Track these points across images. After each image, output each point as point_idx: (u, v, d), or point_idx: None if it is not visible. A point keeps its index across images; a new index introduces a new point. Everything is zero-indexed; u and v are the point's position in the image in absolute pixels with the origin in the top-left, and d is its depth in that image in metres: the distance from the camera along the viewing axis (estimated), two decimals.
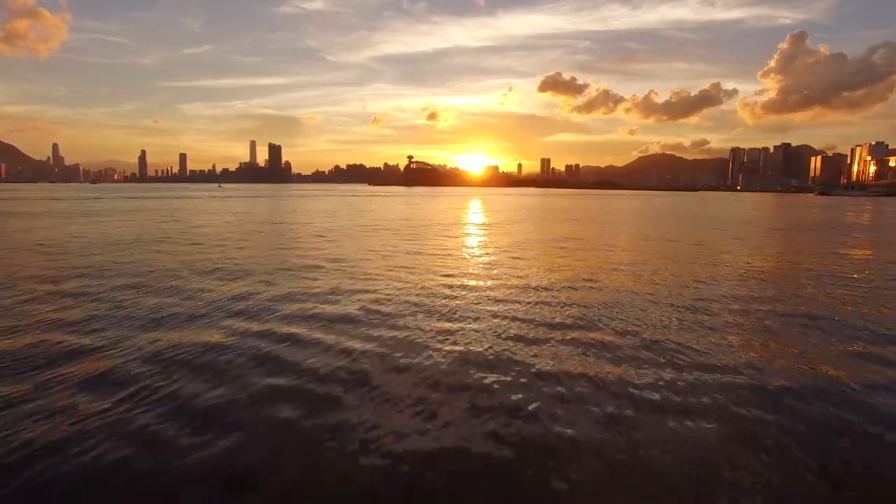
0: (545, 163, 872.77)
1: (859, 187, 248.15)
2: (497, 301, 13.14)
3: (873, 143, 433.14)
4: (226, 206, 65.81)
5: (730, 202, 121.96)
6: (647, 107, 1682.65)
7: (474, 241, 26.94)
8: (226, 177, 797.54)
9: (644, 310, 12.37)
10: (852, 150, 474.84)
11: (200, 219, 42.05)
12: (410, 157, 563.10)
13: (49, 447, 5.65)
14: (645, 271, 18.08)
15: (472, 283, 15.72)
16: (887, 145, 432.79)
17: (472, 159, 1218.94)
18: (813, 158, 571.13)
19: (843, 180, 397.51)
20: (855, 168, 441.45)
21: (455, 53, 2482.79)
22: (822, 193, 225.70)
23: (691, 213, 62.94)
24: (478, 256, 21.17)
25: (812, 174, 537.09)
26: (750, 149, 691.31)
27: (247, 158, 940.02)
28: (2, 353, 8.72)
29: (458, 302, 12.99)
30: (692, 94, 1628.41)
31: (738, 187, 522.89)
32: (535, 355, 8.96)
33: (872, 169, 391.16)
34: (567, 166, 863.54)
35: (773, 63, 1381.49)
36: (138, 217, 43.76)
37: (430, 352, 9.13)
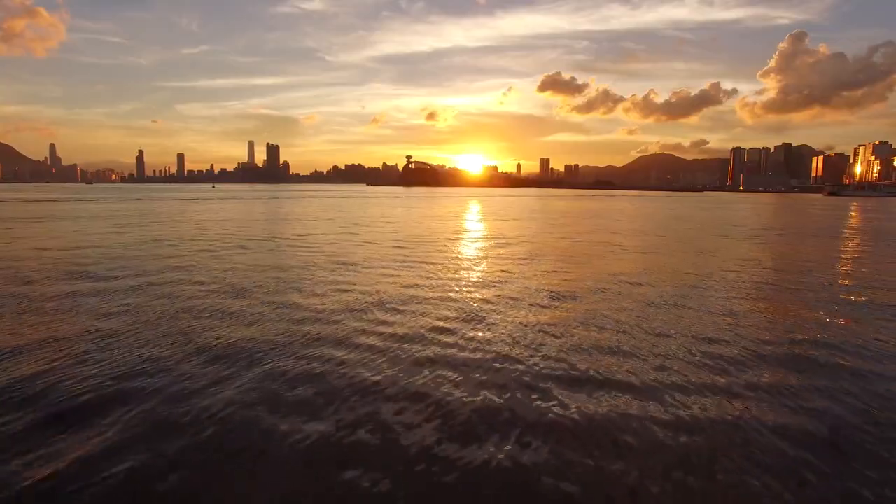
0: (544, 163, 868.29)
1: (870, 187, 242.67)
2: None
3: (877, 142, 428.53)
4: (200, 211, 59.56)
5: (748, 204, 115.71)
6: (647, 107, 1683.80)
7: (499, 279, 17.51)
8: (223, 177, 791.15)
9: None
10: (855, 150, 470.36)
11: (153, 231, 35.72)
12: (409, 158, 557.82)
13: None
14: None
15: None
16: (891, 145, 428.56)
17: (471, 159, 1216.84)
18: (814, 158, 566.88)
19: (847, 180, 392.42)
20: (858, 168, 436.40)
21: (453, 53, 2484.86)
22: (831, 194, 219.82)
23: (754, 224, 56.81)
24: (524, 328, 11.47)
25: (814, 174, 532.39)
26: (750, 149, 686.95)
27: (245, 158, 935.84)
28: None
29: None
30: (692, 94, 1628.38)
31: (741, 187, 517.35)
32: None
33: (877, 169, 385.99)
34: (566, 166, 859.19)
35: (772, 63, 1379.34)
36: (77, 226, 37.41)
37: None
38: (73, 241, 26.77)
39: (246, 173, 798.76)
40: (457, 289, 15.63)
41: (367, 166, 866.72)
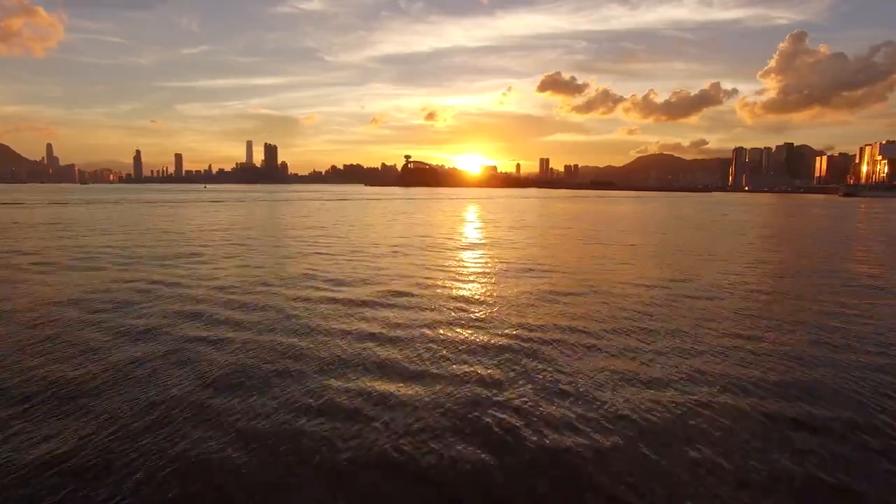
0: (544, 163, 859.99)
1: (885, 188, 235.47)
2: None
3: (884, 142, 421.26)
4: (165, 217, 52.06)
5: (775, 207, 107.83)
6: (646, 107, 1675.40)
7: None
8: (221, 177, 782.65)
9: None
10: (861, 150, 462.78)
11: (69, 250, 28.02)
12: (408, 158, 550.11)
13: None
14: None
15: None
16: None
17: (471, 159, 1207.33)
18: (818, 158, 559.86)
19: (851, 180, 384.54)
20: (864, 168, 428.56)
21: (453, 53, 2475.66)
22: (847, 194, 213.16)
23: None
24: None
25: (818, 174, 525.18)
26: (752, 149, 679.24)
27: (244, 159, 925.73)
28: None
29: None
30: (691, 94, 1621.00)
31: (746, 188, 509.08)
32: None
33: (885, 169, 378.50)
34: (566, 166, 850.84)
35: (772, 63, 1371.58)
36: None
37: None
38: None
39: (244, 173, 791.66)
40: None
41: (365, 166, 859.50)
